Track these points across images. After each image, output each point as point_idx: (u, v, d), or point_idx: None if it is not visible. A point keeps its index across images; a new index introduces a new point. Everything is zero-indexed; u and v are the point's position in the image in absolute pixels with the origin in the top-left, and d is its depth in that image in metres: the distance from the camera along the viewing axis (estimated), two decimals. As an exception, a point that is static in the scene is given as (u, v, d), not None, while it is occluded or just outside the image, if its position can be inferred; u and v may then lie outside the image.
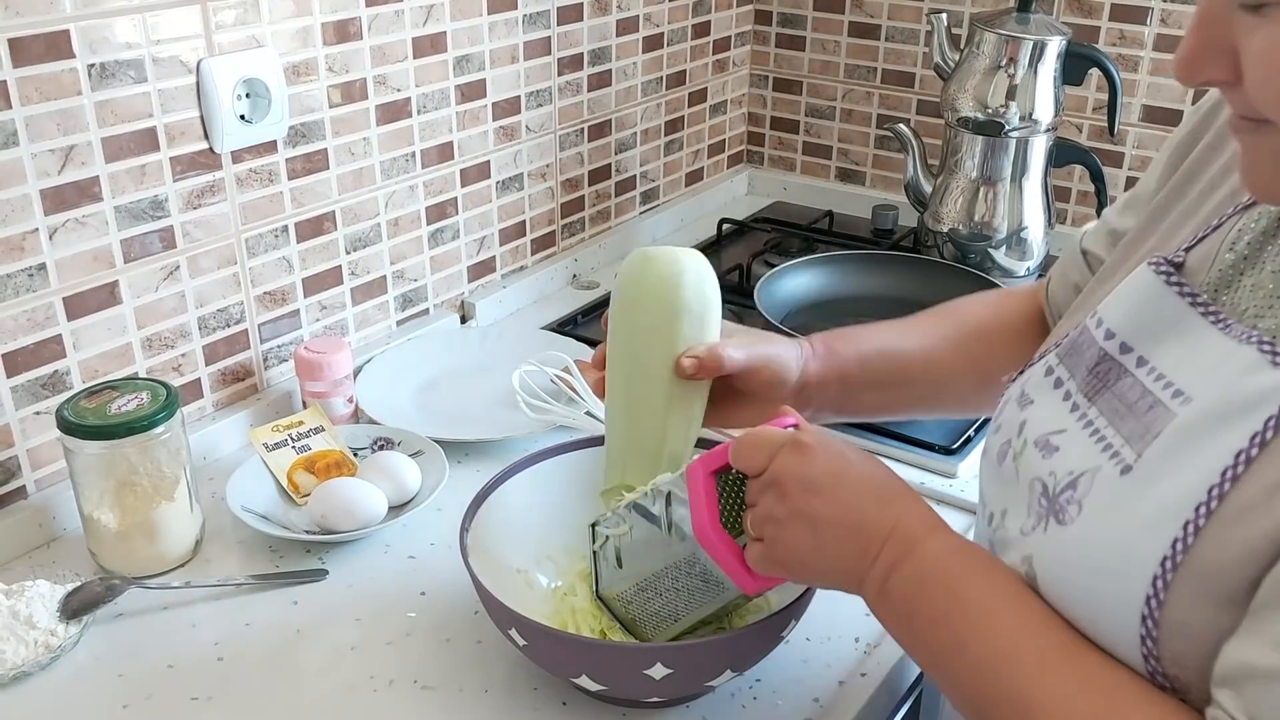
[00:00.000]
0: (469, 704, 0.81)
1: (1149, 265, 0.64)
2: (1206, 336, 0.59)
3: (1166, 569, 0.53)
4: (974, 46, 1.34)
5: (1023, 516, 0.64)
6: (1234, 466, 0.53)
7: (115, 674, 0.84)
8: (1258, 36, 0.50)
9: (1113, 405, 0.62)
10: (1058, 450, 0.63)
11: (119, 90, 0.97)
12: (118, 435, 0.89)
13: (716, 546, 0.71)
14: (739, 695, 0.82)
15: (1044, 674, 0.57)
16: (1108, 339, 0.65)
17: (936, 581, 0.63)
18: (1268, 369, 0.54)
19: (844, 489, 0.67)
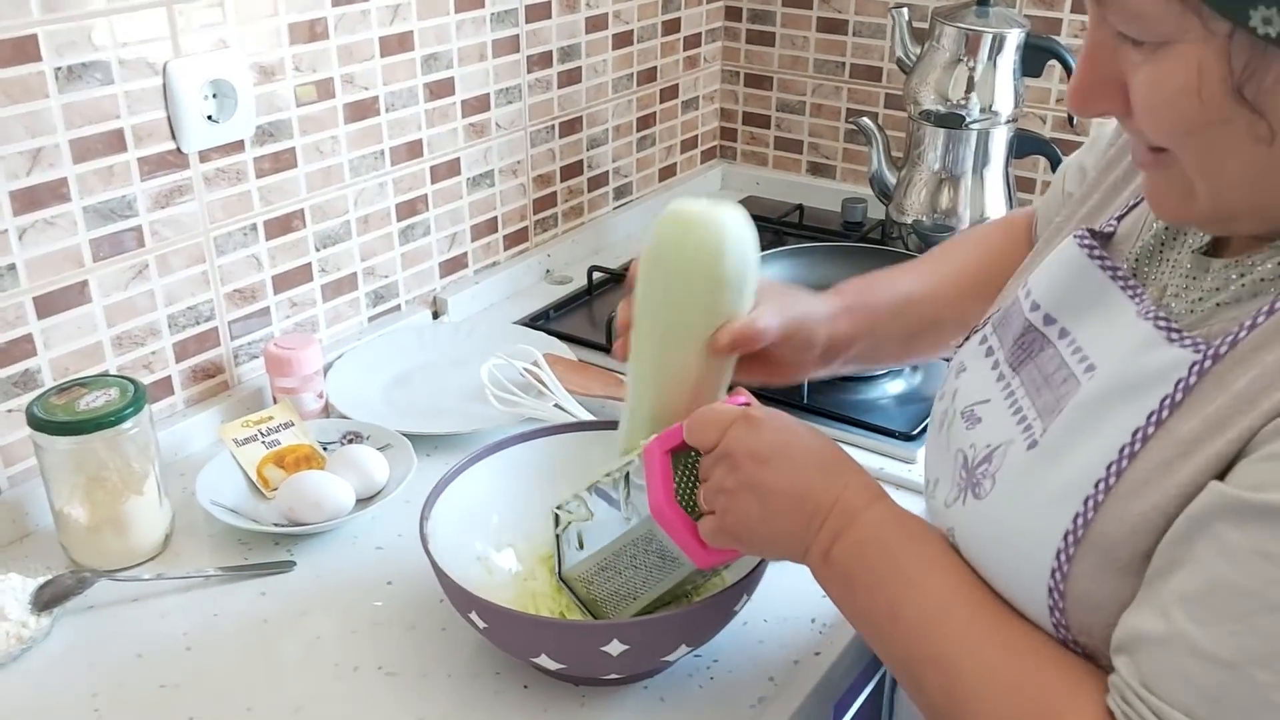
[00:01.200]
0: (432, 689, 0.83)
1: (1074, 238, 0.66)
2: (1121, 308, 0.61)
3: (1069, 543, 0.56)
4: (935, 40, 1.36)
5: (947, 488, 0.67)
6: (1132, 444, 0.55)
7: (86, 664, 0.86)
8: (1142, 71, 0.52)
9: (1033, 376, 0.64)
10: (980, 421, 0.66)
11: (86, 92, 0.98)
12: (86, 431, 0.90)
13: (671, 520, 0.73)
14: (696, 675, 0.84)
15: (970, 638, 0.60)
16: (1033, 310, 0.67)
17: (875, 549, 0.66)
18: (1164, 345, 0.56)
19: (791, 461, 0.69)
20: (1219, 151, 0.52)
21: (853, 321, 0.86)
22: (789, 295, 0.85)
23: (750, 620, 0.89)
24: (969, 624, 0.61)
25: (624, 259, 1.53)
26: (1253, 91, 0.49)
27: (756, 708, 0.81)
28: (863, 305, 0.87)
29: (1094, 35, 0.54)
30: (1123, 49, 0.53)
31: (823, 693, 0.84)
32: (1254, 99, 0.49)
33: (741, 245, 0.77)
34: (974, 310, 0.87)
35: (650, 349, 0.80)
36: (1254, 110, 0.49)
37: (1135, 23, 0.51)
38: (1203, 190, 0.54)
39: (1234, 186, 0.53)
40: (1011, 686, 0.57)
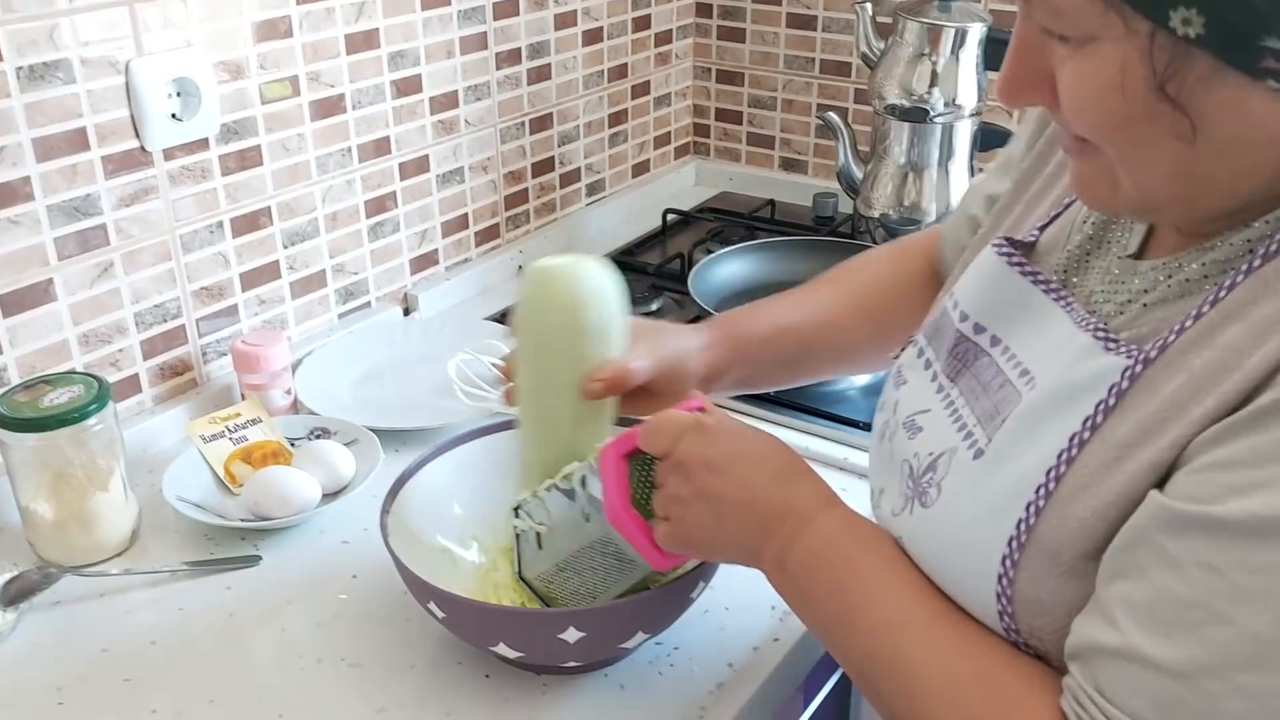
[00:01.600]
0: (395, 680, 0.84)
1: (993, 247, 0.67)
2: (1053, 317, 0.62)
3: (1013, 548, 0.57)
4: (898, 35, 1.37)
5: (894, 498, 0.68)
6: (1068, 449, 0.56)
7: (51, 658, 0.86)
8: (1067, 66, 0.53)
9: (971, 385, 0.65)
10: (921, 430, 0.67)
11: (49, 91, 0.99)
12: (50, 427, 0.91)
13: (627, 526, 0.74)
14: (656, 662, 0.85)
15: (928, 643, 0.61)
16: (962, 320, 0.68)
17: (831, 556, 0.66)
18: (1100, 354, 0.57)
19: (743, 468, 0.70)
20: (1143, 147, 0.53)
21: (725, 352, 0.89)
22: (661, 333, 0.88)
23: (711, 609, 0.90)
24: (928, 629, 0.61)
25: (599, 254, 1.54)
26: (1175, 89, 0.50)
27: (715, 693, 0.82)
28: (733, 336, 0.89)
29: (1022, 29, 0.55)
30: (1050, 43, 0.54)
31: (781, 677, 0.85)
32: (1176, 96, 0.50)
33: (601, 295, 0.81)
34: (853, 336, 0.92)
35: (531, 400, 0.83)
36: (1177, 108, 0.50)
37: (1059, 19, 0.52)
38: (1127, 182, 0.55)
39: (1158, 180, 0.54)
40: (968, 689, 0.58)
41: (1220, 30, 0.48)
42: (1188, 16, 0.48)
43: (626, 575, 0.78)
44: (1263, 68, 0.48)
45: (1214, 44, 0.48)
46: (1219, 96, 0.50)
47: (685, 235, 1.65)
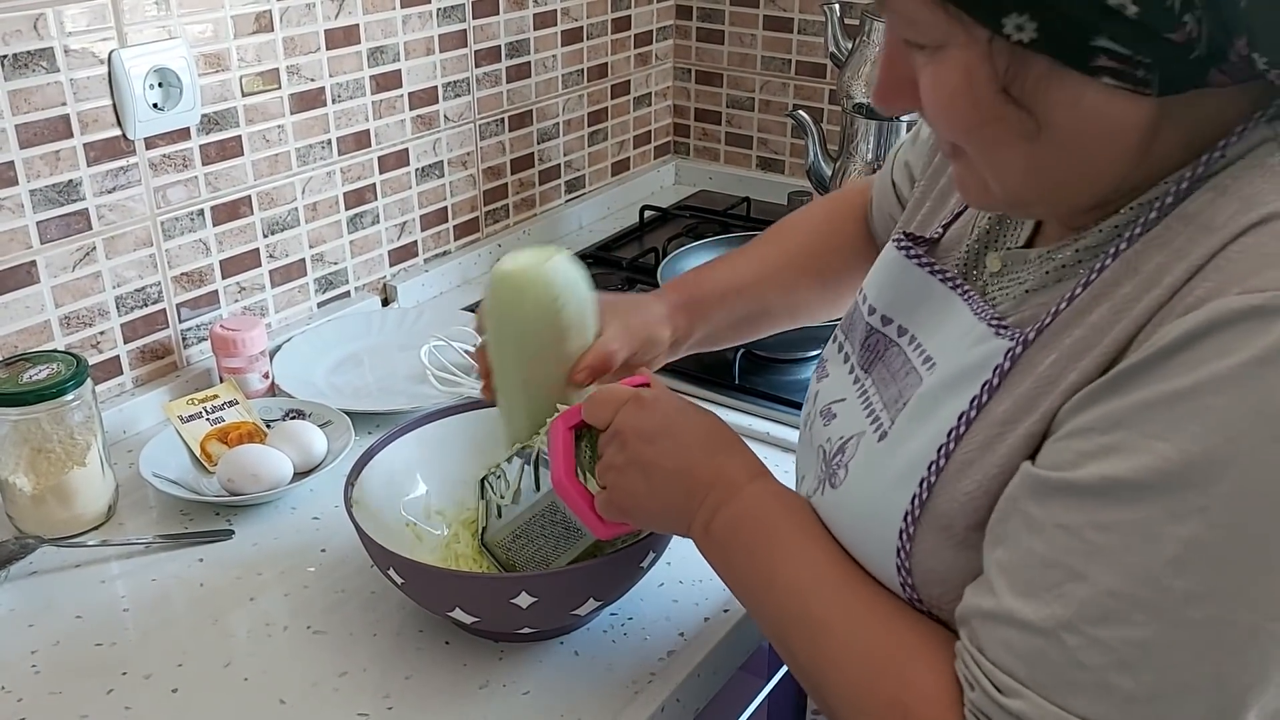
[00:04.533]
0: (358, 645, 0.87)
1: (893, 243, 0.71)
2: (954, 307, 0.65)
3: (909, 522, 0.61)
4: (865, 35, 1.40)
5: (811, 482, 0.72)
6: (957, 428, 0.59)
7: (25, 624, 0.89)
8: (925, 73, 0.56)
9: (882, 374, 0.69)
10: (835, 417, 0.71)
11: (32, 80, 1.02)
12: (28, 402, 0.94)
13: (569, 494, 0.77)
14: (610, 631, 0.88)
15: (839, 603, 0.64)
16: (871, 314, 0.72)
17: (752, 522, 0.70)
18: (991, 338, 0.61)
19: (675, 439, 0.73)
20: (998, 147, 0.56)
21: (687, 318, 0.92)
22: (627, 308, 0.89)
23: (667, 582, 0.93)
24: (838, 589, 0.64)
25: (576, 249, 1.57)
26: (1018, 90, 0.53)
27: (665, 660, 0.85)
28: (692, 301, 0.93)
29: (888, 38, 0.59)
30: (911, 52, 0.57)
31: (730, 646, 0.88)
32: (1020, 97, 0.53)
33: (575, 290, 0.82)
34: (801, 292, 0.96)
35: (516, 396, 0.85)
36: (1021, 107, 0.53)
37: (911, 29, 0.55)
38: (993, 182, 0.58)
39: (1018, 178, 0.57)
40: (870, 641, 0.61)
41: (1051, 34, 0.50)
42: (1020, 23, 0.51)
43: (575, 543, 0.81)
44: (1096, 66, 0.51)
45: (1047, 46, 0.51)
46: (1058, 95, 0.52)
47: (661, 231, 1.69)
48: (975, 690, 0.55)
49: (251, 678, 0.84)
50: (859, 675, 0.61)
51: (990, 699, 0.54)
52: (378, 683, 0.83)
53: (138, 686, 0.83)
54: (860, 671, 0.61)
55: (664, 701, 0.81)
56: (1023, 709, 0.52)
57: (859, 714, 0.60)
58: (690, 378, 1.22)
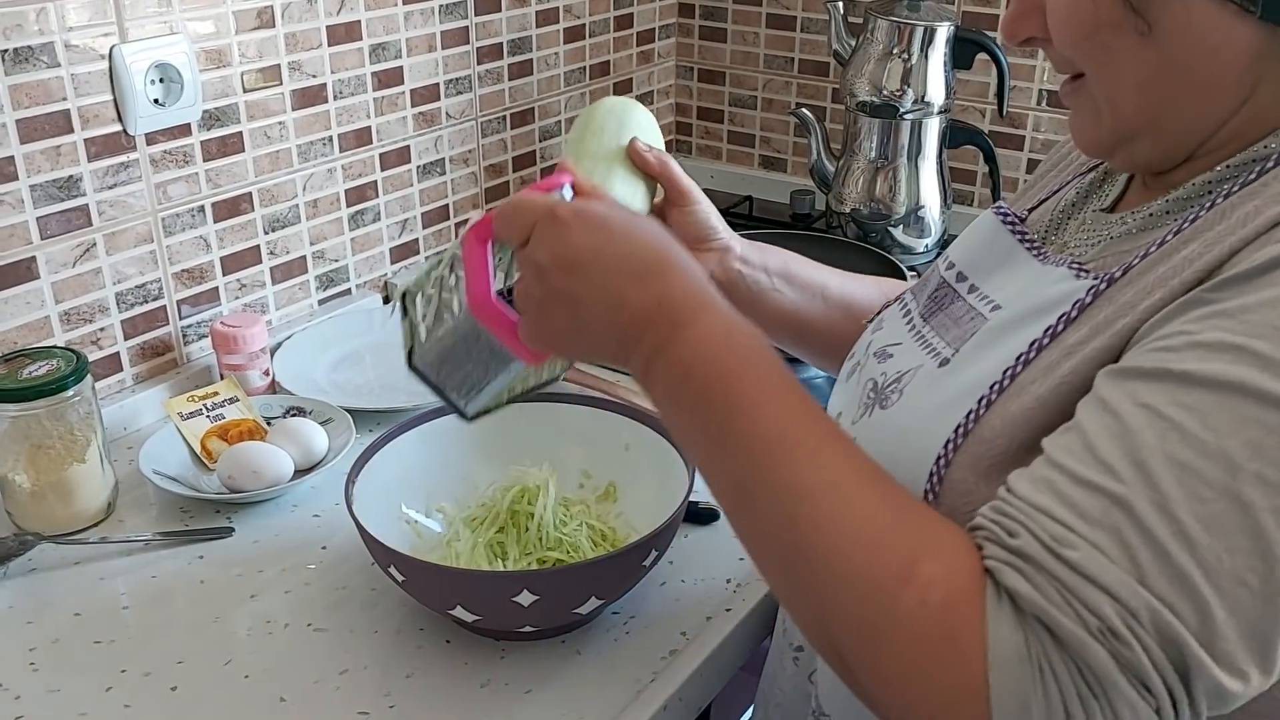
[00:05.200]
0: (358, 643, 0.86)
1: (993, 210, 0.73)
2: (1028, 267, 0.67)
3: (958, 433, 0.60)
4: (869, 33, 1.40)
5: (852, 411, 0.72)
6: (1027, 353, 0.60)
7: (24, 621, 0.89)
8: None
9: (943, 321, 0.70)
10: (891, 357, 0.72)
11: (32, 74, 1.01)
12: (28, 398, 0.93)
13: (488, 317, 0.67)
14: (613, 630, 0.88)
15: (820, 463, 0.56)
16: (948, 269, 0.74)
17: (702, 369, 0.60)
18: (1071, 280, 0.63)
19: (601, 267, 0.62)
20: (1112, 55, 0.59)
21: (747, 250, 0.91)
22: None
23: (669, 580, 0.93)
24: (819, 448, 0.57)
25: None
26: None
27: (667, 659, 0.85)
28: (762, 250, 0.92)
29: None
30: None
31: (733, 646, 0.88)
32: (1138, 5, 0.57)
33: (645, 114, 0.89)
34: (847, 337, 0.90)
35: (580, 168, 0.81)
36: (1136, 13, 0.57)
37: None
38: (1105, 108, 0.62)
39: (1128, 95, 0.60)
40: (866, 508, 0.55)
41: None
42: None
43: (504, 368, 0.71)
44: None
45: None
46: (1171, 7, 0.57)
47: (664, 230, 1.68)
48: (1020, 538, 0.52)
49: (252, 675, 0.83)
50: (854, 540, 0.53)
51: (1041, 544, 0.51)
52: (379, 681, 0.82)
53: (137, 684, 0.82)
54: (856, 536, 0.54)
55: (667, 700, 0.80)
56: (1081, 559, 0.50)
57: (852, 585, 0.53)
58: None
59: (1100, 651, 0.49)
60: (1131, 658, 0.49)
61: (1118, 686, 0.49)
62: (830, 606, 0.54)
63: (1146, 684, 0.49)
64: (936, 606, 0.51)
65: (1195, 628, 0.49)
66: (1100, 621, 0.49)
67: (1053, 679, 0.49)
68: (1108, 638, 0.49)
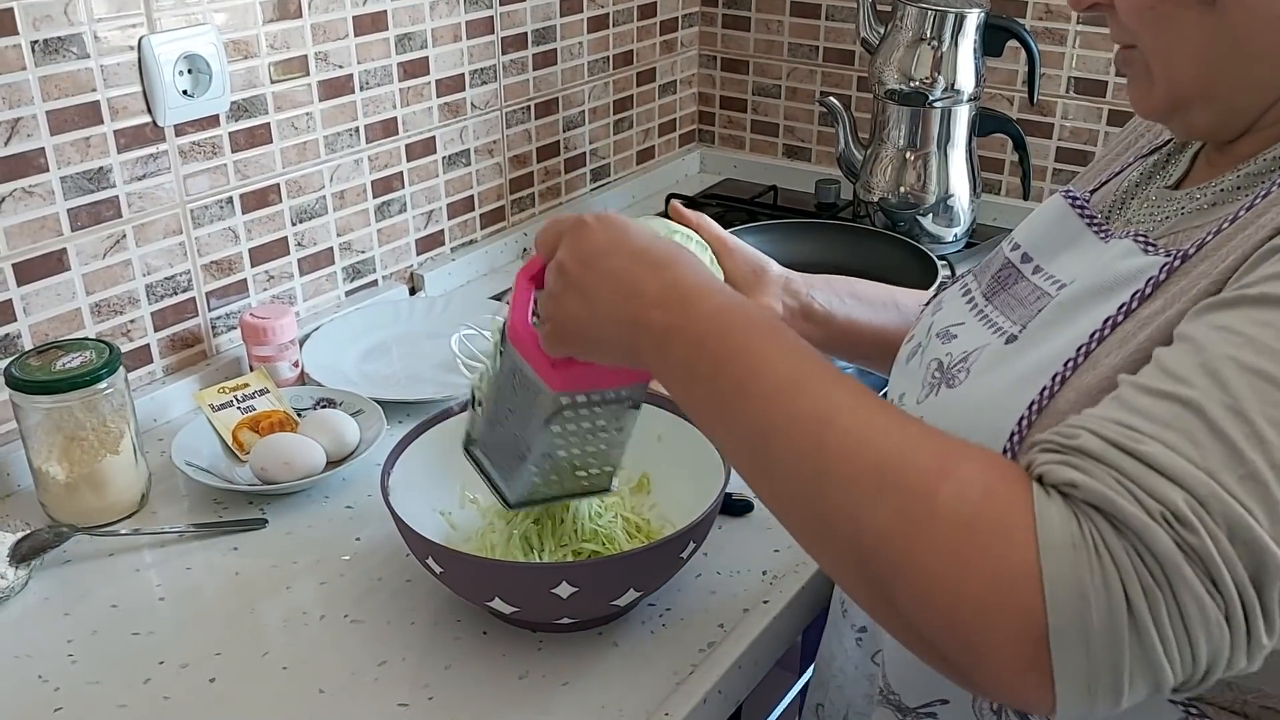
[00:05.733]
0: (395, 634, 0.86)
1: (1061, 193, 0.72)
2: (1094, 247, 0.67)
3: (1032, 411, 0.60)
4: (897, 21, 1.39)
5: (916, 391, 0.71)
6: (1101, 330, 0.60)
7: (62, 613, 0.89)
8: None
9: (1007, 301, 0.70)
10: (955, 337, 0.71)
11: (62, 66, 1.01)
12: (62, 390, 0.93)
13: (522, 340, 0.71)
14: (649, 622, 0.87)
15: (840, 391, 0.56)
16: (1013, 250, 0.73)
17: (716, 335, 0.61)
18: (1139, 255, 0.62)
19: (617, 258, 0.65)
20: (1173, 26, 0.60)
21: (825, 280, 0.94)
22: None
23: (704, 573, 0.92)
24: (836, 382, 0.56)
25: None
26: None
27: (705, 651, 0.84)
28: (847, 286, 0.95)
29: None
30: None
31: (768, 639, 0.87)
32: None
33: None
34: None
35: None
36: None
37: None
38: (1159, 75, 0.62)
39: (1186, 64, 0.61)
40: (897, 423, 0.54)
41: None
42: None
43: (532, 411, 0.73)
44: None
45: None
46: None
47: (688, 220, 1.67)
48: (1079, 439, 0.50)
49: (290, 667, 0.83)
50: (883, 450, 0.52)
51: (1103, 439, 0.49)
52: (417, 672, 0.82)
53: (176, 676, 0.82)
54: (885, 445, 0.52)
55: (706, 694, 0.80)
56: (1146, 451, 0.47)
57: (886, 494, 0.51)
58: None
59: (1164, 536, 0.46)
60: (1199, 545, 0.46)
61: (1183, 576, 0.46)
62: (865, 526, 0.51)
63: (1215, 579, 0.46)
64: (977, 498, 0.49)
65: (1269, 528, 0.46)
66: (1164, 507, 0.46)
67: (1112, 564, 0.46)
68: (1172, 524, 0.46)
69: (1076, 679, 0.47)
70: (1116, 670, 0.47)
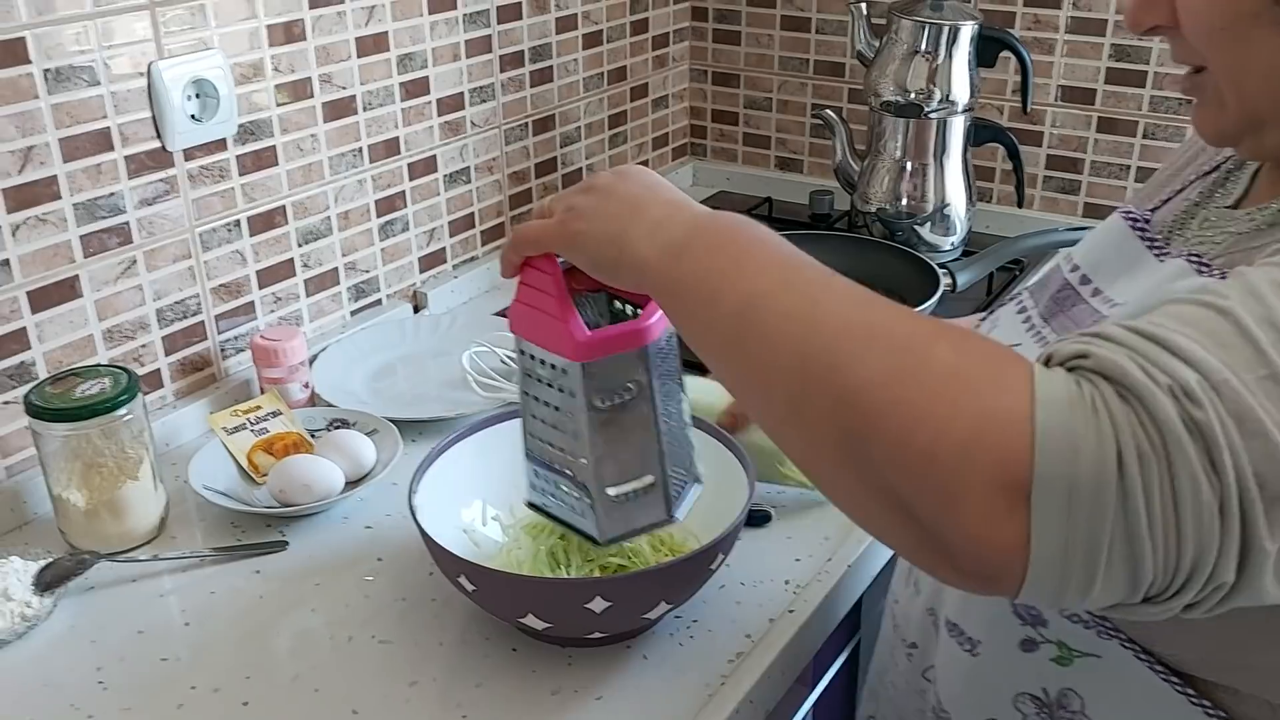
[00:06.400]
0: (425, 655, 0.87)
1: (1120, 213, 0.72)
2: (1153, 269, 0.67)
3: None
4: (892, 34, 1.41)
5: None
6: None
7: (89, 640, 0.89)
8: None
9: (1064, 323, 0.71)
10: None
11: (74, 93, 1.01)
12: (82, 418, 0.93)
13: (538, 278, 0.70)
14: (677, 634, 0.88)
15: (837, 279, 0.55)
16: (1072, 272, 0.73)
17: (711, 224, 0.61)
18: (1193, 276, 0.62)
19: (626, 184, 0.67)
20: (1244, 46, 0.58)
21: None
22: None
23: (727, 584, 0.93)
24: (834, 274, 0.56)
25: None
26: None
27: (734, 661, 0.85)
28: None
29: None
30: None
31: (796, 647, 0.88)
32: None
33: None
34: None
35: None
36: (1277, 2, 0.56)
37: None
38: (1231, 97, 0.60)
39: (1257, 85, 0.59)
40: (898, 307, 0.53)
41: None
42: None
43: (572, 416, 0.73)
44: None
45: None
46: None
47: (685, 233, 1.69)
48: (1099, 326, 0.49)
49: (322, 689, 0.83)
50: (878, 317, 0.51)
51: (1122, 327, 0.48)
52: (449, 691, 0.83)
53: (208, 700, 0.82)
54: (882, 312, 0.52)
55: (739, 704, 0.80)
56: (1165, 335, 0.46)
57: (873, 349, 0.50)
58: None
59: (1168, 405, 0.44)
60: (1204, 421, 0.44)
61: (1182, 447, 0.44)
62: (850, 374, 0.49)
63: (1214, 460, 0.44)
64: (974, 356, 0.48)
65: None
66: (1174, 382, 0.44)
67: (1109, 422, 0.44)
68: (1179, 398, 0.44)
69: (1053, 541, 0.44)
70: (1095, 539, 0.44)
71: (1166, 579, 0.46)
